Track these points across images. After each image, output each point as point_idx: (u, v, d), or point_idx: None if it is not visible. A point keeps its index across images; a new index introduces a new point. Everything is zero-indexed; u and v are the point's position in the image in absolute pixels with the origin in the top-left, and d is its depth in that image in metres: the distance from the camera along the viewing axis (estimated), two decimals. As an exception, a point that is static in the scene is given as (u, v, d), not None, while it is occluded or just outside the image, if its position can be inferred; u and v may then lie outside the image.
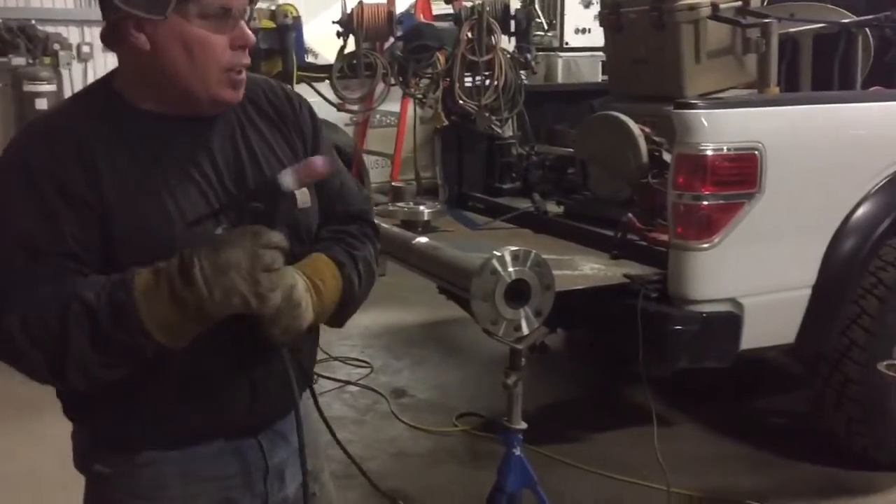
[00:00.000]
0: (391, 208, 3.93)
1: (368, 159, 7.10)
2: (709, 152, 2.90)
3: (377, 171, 7.26)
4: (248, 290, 1.29)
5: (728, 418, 3.91)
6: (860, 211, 3.14)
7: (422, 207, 3.87)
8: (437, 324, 5.31)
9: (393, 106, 6.86)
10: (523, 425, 2.76)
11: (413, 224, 3.83)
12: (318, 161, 1.42)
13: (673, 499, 3.06)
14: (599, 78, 7.06)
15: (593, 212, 3.74)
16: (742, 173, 2.95)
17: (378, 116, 7.04)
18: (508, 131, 4.38)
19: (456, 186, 4.47)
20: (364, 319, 5.41)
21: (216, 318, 1.32)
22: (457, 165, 4.44)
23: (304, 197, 1.47)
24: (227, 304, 1.30)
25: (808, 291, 3.15)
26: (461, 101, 4.19)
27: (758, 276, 3.07)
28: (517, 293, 2.68)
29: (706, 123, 2.91)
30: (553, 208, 3.94)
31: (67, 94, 12.60)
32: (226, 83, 1.41)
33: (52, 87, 11.95)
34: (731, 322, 3.03)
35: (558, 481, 3.29)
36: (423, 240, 3.19)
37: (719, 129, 2.92)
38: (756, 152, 2.95)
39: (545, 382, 4.28)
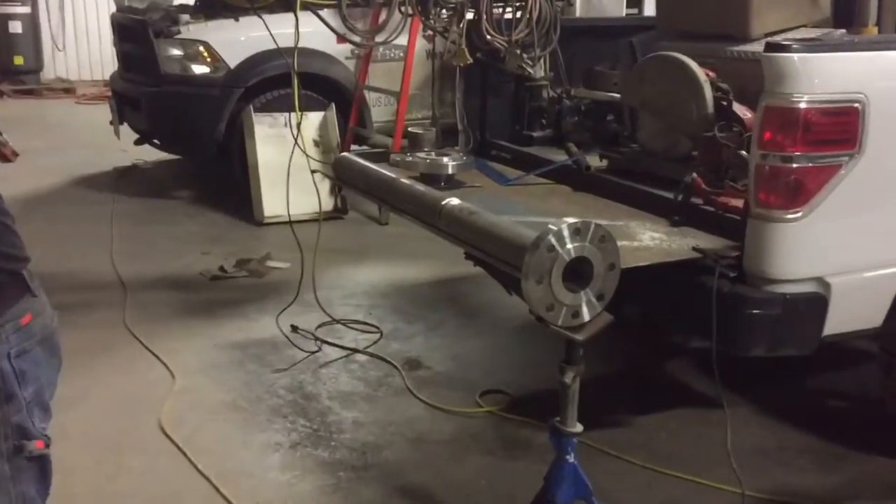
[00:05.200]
0: (410, 159, 3.44)
1: (370, 96, 6.56)
2: (803, 104, 2.42)
3: (379, 109, 6.72)
4: None
5: (785, 401, 3.50)
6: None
7: (445, 159, 3.38)
8: (450, 281, 4.86)
9: (398, 38, 6.30)
10: (579, 428, 2.34)
11: (435, 178, 3.35)
12: None
13: (747, 503, 2.66)
14: (624, 11, 6.49)
15: (644, 168, 3.27)
16: (841, 130, 2.48)
17: (381, 50, 6.48)
18: (540, 72, 3.86)
19: (478, 133, 3.97)
20: (369, 275, 4.95)
21: None
22: (480, 110, 3.93)
23: None
24: None
25: (903, 269, 2.70)
26: (489, 36, 3.67)
27: (848, 251, 2.62)
28: (576, 273, 2.23)
29: (803, 70, 2.42)
30: (594, 162, 3.45)
31: (43, 18, 11.90)
32: None
33: (26, 9, 11.28)
34: (816, 305, 2.59)
35: (602, 477, 2.87)
36: (454, 201, 2.70)
37: (818, 77, 2.43)
38: (858, 105, 2.47)
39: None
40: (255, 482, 2.90)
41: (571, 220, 2.20)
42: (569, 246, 2.17)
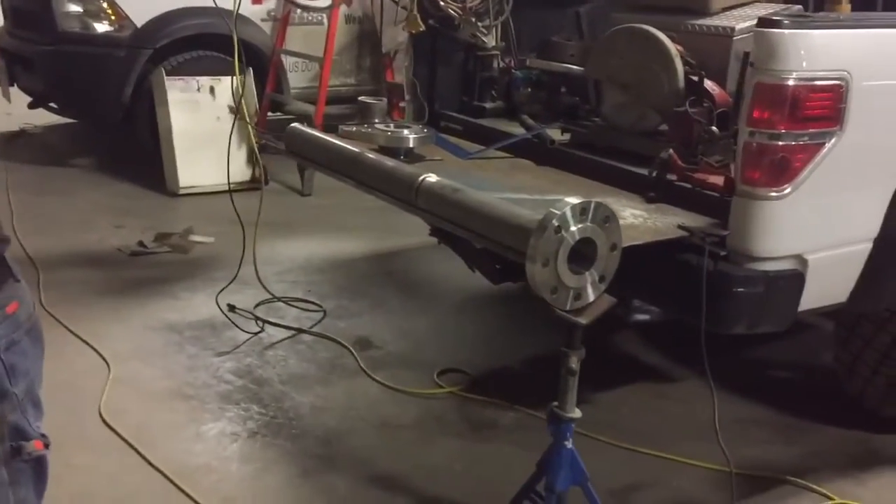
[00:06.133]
0: (368, 130, 3.26)
1: (287, 61, 6.28)
2: (793, 81, 2.41)
3: (296, 75, 6.45)
4: None
5: (734, 373, 3.55)
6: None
7: (406, 132, 3.23)
8: (386, 255, 4.72)
9: (318, 1, 6.05)
10: (578, 414, 2.28)
11: (394, 151, 3.19)
12: None
13: (717, 476, 2.68)
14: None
15: (609, 142, 3.21)
16: (826, 107, 2.48)
17: (298, 12, 6.20)
18: (492, 41, 3.74)
19: (426, 104, 3.83)
20: (301, 250, 4.76)
21: None
22: (430, 79, 3.78)
23: None
24: None
25: (869, 245, 2.75)
26: (442, 3, 3.52)
27: (824, 229, 2.64)
28: (579, 255, 2.16)
29: (793, 47, 2.40)
30: (554, 135, 3.37)
31: None
32: None
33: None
34: (794, 282, 2.61)
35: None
36: (432, 178, 2.57)
37: (807, 54, 2.41)
38: (842, 83, 2.47)
39: (526, 329, 3.82)
40: (216, 476, 2.72)
41: (575, 199, 2.13)
42: (573, 227, 2.10)
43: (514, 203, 2.59)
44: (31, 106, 6.43)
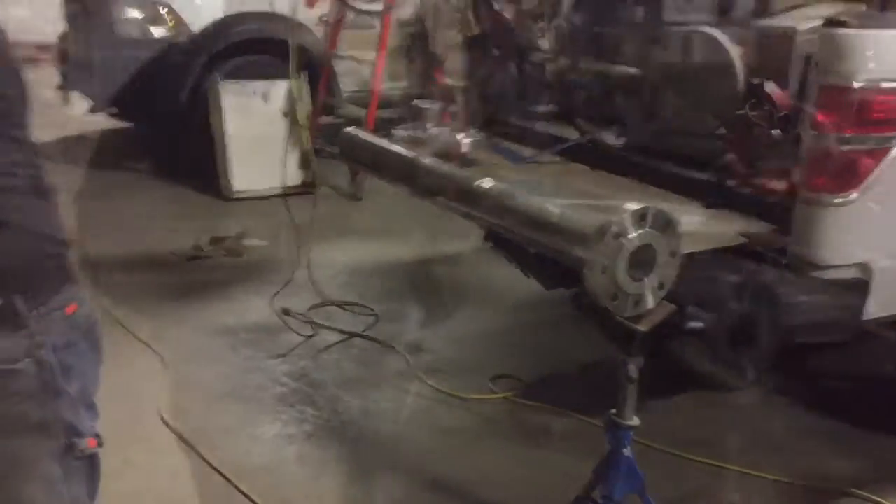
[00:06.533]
0: (421, 134, 3.27)
1: (340, 65, 6.32)
2: (860, 84, 2.35)
3: (348, 79, 6.49)
4: None
5: (791, 382, 3.48)
6: None
7: (460, 136, 3.22)
8: (437, 259, 4.73)
9: (371, 5, 6.07)
10: (636, 421, 2.25)
11: (448, 156, 3.19)
12: None
13: (776, 488, 2.63)
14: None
15: (665, 146, 3.16)
16: (894, 110, 2.42)
17: (352, 16, 6.23)
18: (546, 44, 3.72)
19: (479, 108, 3.82)
20: (352, 254, 4.79)
21: None
22: (484, 84, 3.77)
23: None
24: None
25: (938, 252, 2.67)
26: (497, 6, 3.52)
27: (890, 235, 2.57)
28: (638, 261, 2.13)
29: (860, 48, 2.34)
30: (609, 138, 3.34)
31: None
32: None
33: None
34: (859, 290, 2.54)
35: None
36: (488, 182, 2.56)
37: (874, 55, 2.36)
38: (913, 86, 2.41)
39: (578, 335, 3.78)
40: (273, 477, 2.75)
41: (634, 205, 2.10)
42: (633, 234, 2.07)
43: (571, 208, 2.58)
44: (91, 111, 6.57)
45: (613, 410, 2.25)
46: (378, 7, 5.77)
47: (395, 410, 3.19)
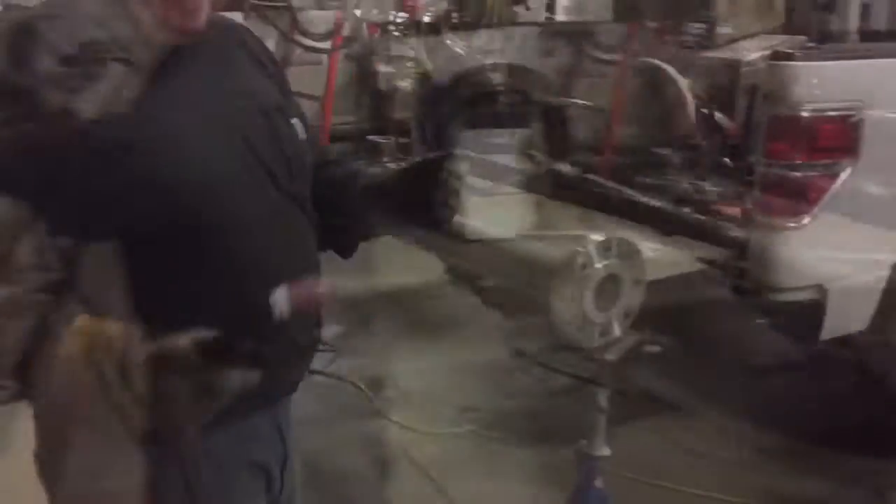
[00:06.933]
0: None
1: (287, 101, 6.30)
2: (809, 113, 2.43)
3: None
4: None
5: (751, 402, 3.52)
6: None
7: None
8: (395, 292, 4.69)
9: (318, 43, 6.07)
10: (607, 451, 2.26)
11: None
12: (322, 284, 1.17)
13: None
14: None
15: (620, 175, 3.22)
16: (842, 137, 2.50)
17: (297, 52, 6.21)
18: (497, 78, 3.77)
19: (430, 142, 3.85)
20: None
21: None
22: (433, 117, 3.80)
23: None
24: None
25: (888, 272, 2.76)
26: (448, 42, 3.55)
27: (843, 257, 2.65)
28: (604, 291, 2.16)
29: (807, 78, 2.42)
30: (563, 168, 3.38)
31: None
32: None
33: None
34: (815, 311, 2.61)
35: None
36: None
37: (821, 85, 2.44)
38: (857, 112, 2.50)
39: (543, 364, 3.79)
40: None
41: (599, 235, 2.13)
42: (598, 264, 2.10)
43: (530, 241, 2.60)
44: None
45: (584, 441, 2.26)
46: (325, 44, 5.79)
47: (358, 449, 3.14)
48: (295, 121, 1.31)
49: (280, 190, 1.24)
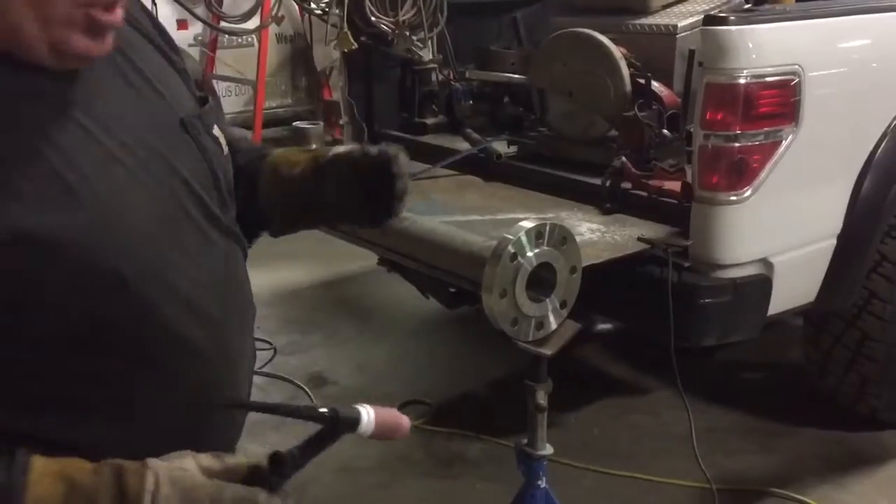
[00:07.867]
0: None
1: (220, 86, 6.07)
2: (745, 79, 2.30)
3: (230, 100, 6.24)
4: None
5: (702, 379, 3.44)
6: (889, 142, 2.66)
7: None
8: (335, 282, 4.54)
9: (247, 23, 5.85)
10: (550, 450, 2.13)
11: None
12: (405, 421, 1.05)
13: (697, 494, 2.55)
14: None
15: (558, 153, 3.08)
16: (781, 104, 2.38)
17: (227, 36, 5.98)
18: (428, 54, 3.59)
19: (365, 124, 3.66)
20: (246, 283, 4.54)
21: None
22: (367, 98, 3.61)
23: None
24: None
25: (833, 242, 2.66)
26: (374, 18, 3.37)
27: (788, 229, 2.55)
28: (538, 281, 2.01)
29: (742, 43, 2.29)
30: (501, 148, 3.23)
31: None
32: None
33: None
34: (762, 287, 2.50)
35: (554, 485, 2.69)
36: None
37: (758, 49, 2.31)
38: (795, 77, 2.37)
39: (486, 352, 3.66)
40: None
41: (530, 223, 1.98)
42: (530, 253, 1.95)
43: (464, 227, 2.45)
44: None
45: (524, 441, 2.12)
46: (249, 25, 5.57)
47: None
48: (216, 130, 1.14)
49: (218, 229, 1.11)
